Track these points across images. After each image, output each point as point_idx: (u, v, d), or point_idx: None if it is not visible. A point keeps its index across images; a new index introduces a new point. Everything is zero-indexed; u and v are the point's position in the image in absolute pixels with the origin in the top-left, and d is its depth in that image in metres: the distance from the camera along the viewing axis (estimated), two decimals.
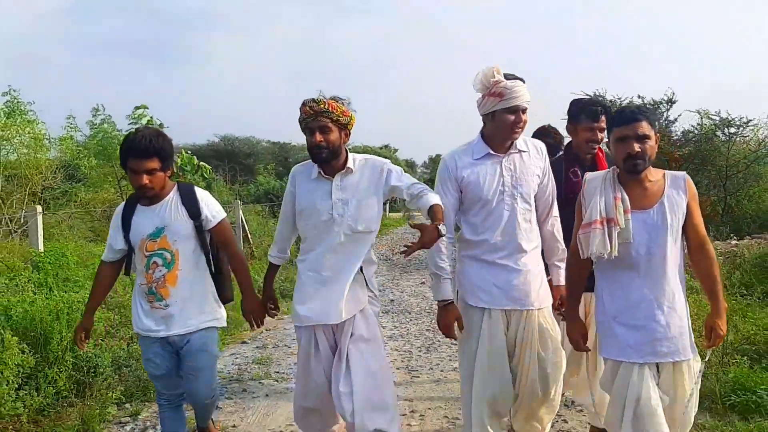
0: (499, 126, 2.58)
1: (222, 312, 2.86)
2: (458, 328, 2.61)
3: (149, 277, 2.69)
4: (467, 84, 2.65)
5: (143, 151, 2.58)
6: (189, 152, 10.41)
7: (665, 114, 11.86)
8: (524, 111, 2.58)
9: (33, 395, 3.47)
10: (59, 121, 13.03)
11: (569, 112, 3.11)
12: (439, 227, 2.36)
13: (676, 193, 2.32)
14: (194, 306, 2.72)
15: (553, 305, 2.71)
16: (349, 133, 2.68)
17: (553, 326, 2.65)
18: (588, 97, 2.37)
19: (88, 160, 12.62)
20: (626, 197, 2.31)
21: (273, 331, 5.99)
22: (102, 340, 4.02)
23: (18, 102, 11.05)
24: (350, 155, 2.69)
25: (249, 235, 11.56)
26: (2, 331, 3.51)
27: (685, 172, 2.39)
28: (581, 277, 2.49)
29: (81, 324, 2.87)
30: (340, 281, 2.62)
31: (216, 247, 2.83)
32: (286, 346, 5.43)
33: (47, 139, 11.98)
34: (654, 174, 2.34)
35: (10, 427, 3.35)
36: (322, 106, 2.57)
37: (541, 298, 2.64)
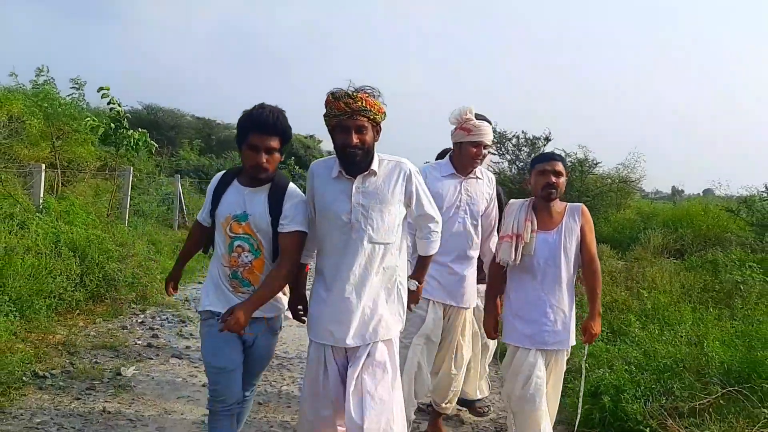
0: (463, 154, 3.09)
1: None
2: None
3: (233, 260, 2.43)
4: (398, 80, 3.53)
5: (270, 126, 2.34)
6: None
7: (542, 149, 14.77)
8: (485, 147, 3.08)
9: (78, 291, 5.31)
10: None
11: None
12: (420, 287, 2.65)
13: (571, 220, 2.82)
14: None
15: None
16: (380, 130, 2.38)
17: (472, 322, 3.24)
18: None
19: (37, 118, 13.56)
20: (535, 219, 2.81)
21: None
22: (120, 262, 5.87)
23: None
24: (376, 155, 2.40)
25: (184, 207, 13.08)
26: (62, 248, 5.33)
27: (582, 204, 2.89)
28: (499, 278, 2.96)
29: (169, 275, 2.82)
30: (358, 300, 2.37)
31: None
32: None
33: None
34: (559, 205, 2.86)
35: (68, 308, 5.21)
36: (360, 103, 2.27)
37: (471, 299, 3.17)
